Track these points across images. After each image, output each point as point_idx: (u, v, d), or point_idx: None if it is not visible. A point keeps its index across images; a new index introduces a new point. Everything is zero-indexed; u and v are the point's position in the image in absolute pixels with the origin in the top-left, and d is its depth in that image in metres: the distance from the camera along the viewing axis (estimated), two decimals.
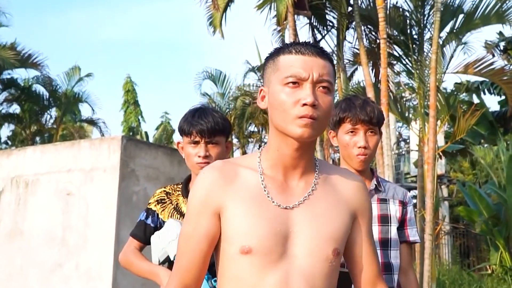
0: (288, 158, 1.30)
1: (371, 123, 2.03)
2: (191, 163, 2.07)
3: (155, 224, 2.14)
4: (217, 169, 1.32)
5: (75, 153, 6.95)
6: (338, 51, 9.15)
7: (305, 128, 1.22)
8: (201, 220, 1.30)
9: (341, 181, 1.38)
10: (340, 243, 1.30)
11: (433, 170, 6.71)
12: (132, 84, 26.99)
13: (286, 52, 1.29)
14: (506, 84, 8.79)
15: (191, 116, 2.07)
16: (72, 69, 15.79)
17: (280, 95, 1.25)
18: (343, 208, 1.34)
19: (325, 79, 1.26)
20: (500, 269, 10.55)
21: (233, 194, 1.28)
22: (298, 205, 1.29)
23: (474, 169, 20.00)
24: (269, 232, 1.24)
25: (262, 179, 1.30)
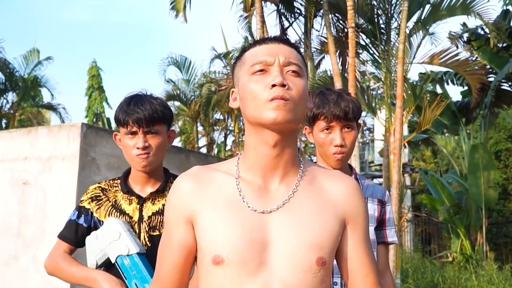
0: (266, 158, 1.21)
1: (347, 119, 1.91)
2: (130, 156, 1.89)
3: (89, 224, 1.95)
4: (191, 175, 1.25)
5: (32, 140, 6.71)
6: (305, 39, 9.06)
7: (278, 111, 1.14)
8: (175, 229, 1.23)
9: (329, 183, 1.26)
10: (327, 251, 1.18)
11: (399, 161, 6.73)
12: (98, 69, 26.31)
13: (251, 47, 1.25)
14: (470, 75, 8.91)
15: (127, 104, 1.89)
16: (30, 52, 15.21)
17: (249, 85, 1.19)
18: (330, 212, 1.22)
19: (293, 61, 1.20)
20: (461, 256, 10.79)
21: (207, 201, 1.21)
22: (277, 210, 1.19)
23: (435, 158, 20.44)
24: (242, 240, 1.14)
25: (237, 183, 1.22)
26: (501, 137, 17.82)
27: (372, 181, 2.15)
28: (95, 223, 1.93)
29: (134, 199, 1.92)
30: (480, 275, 7.75)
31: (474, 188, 11.13)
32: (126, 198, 1.93)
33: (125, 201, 1.93)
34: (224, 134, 17.81)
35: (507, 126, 17.36)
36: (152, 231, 1.88)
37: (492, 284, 7.29)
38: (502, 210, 16.22)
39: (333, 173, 1.30)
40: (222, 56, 16.06)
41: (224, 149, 18.30)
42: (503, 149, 17.79)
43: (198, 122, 16.33)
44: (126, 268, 1.77)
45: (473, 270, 8.21)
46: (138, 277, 1.74)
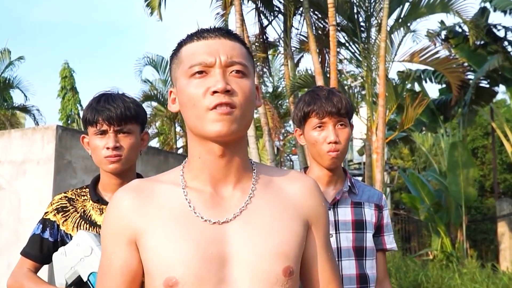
0: (213, 167, 1.08)
1: (340, 115, 1.80)
2: (99, 158, 1.72)
3: (55, 238, 1.76)
4: (132, 189, 1.09)
5: (5, 144, 6.50)
6: (285, 38, 8.96)
7: (223, 122, 1.01)
8: (116, 253, 1.07)
9: (286, 183, 1.14)
10: (293, 259, 1.06)
11: (382, 160, 6.68)
12: (70, 70, 25.82)
13: (188, 41, 1.10)
14: (450, 73, 8.94)
15: (96, 102, 1.73)
16: (1, 52, 14.78)
17: (187, 89, 1.05)
18: (293, 216, 1.10)
19: (236, 61, 1.05)
20: (441, 254, 10.83)
21: (152, 217, 1.06)
22: (234, 218, 1.06)
23: (413, 156, 20.60)
24: (198, 257, 1.01)
25: (186, 193, 1.08)
26: (477, 134, 18.06)
27: (368, 185, 2.05)
28: (62, 237, 1.75)
29: (105, 208, 1.74)
30: (463, 273, 7.75)
31: (453, 186, 11.19)
32: (97, 208, 1.76)
33: (95, 211, 1.76)
34: None
35: (483, 123, 17.60)
36: None
37: (475, 282, 7.30)
38: (480, 207, 16.44)
39: (289, 173, 1.18)
40: None
41: None
42: (480, 146, 18.04)
43: (176, 122, 16.12)
44: None
45: (455, 268, 8.22)
46: None
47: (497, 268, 8.85)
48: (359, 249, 1.81)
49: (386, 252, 1.94)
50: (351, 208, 1.84)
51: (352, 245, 1.79)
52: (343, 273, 1.77)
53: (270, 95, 14.96)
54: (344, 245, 1.79)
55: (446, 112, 12.46)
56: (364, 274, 1.80)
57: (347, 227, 1.80)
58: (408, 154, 21.03)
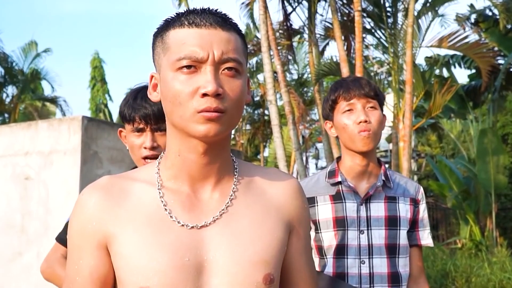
0: (194, 166, 1.00)
1: (368, 96, 1.72)
2: (136, 157, 1.69)
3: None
4: (101, 188, 1.01)
5: (32, 134, 6.61)
6: (309, 24, 8.84)
7: (210, 125, 0.94)
8: (84, 258, 0.99)
9: (269, 184, 1.07)
10: (274, 266, 1.00)
11: (409, 148, 6.56)
12: (100, 61, 26.10)
13: (177, 24, 0.97)
14: (480, 58, 8.70)
15: (133, 98, 1.68)
16: (28, 45, 15.00)
17: (173, 84, 0.95)
18: (275, 220, 1.04)
19: (230, 57, 0.95)
20: (470, 243, 10.65)
21: (123, 220, 0.98)
22: (214, 222, 0.99)
23: (441, 143, 20.26)
24: (173, 265, 0.94)
25: (161, 195, 1.00)
26: (508, 120, 17.62)
27: (405, 177, 1.92)
28: None
29: None
30: (492, 262, 7.60)
31: (483, 173, 10.95)
32: None
33: None
34: None
35: None
36: None
37: (505, 271, 7.15)
38: (510, 194, 16.08)
39: (271, 172, 1.11)
40: None
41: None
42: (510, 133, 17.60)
43: None
44: None
45: (484, 257, 8.07)
46: None
47: None
48: (392, 247, 1.72)
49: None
50: (385, 203, 1.75)
51: (384, 243, 1.71)
52: (374, 271, 1.69)
53: (295, 82, 14.85)
54: (376, 243, 1.71)
55: (475, 98, 12.17)
56: (396, 273, 1.72)
57: (379, 224, 1.72)
58: (436, 141, 20.68)
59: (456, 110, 12.71)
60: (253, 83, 15.40)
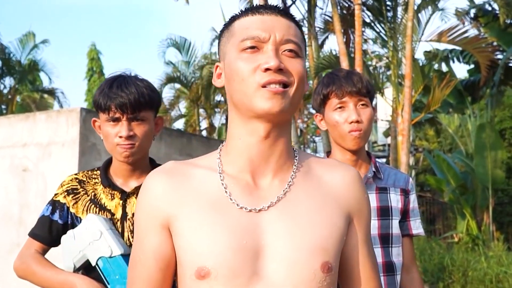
0: (255, 150, 1.01)
1: (361, 94, 1.73)
2: (111, 145, 1.66)
3: (65, 221, 1.72)
4: (166, 172, 1.05)
5: (30, 126, 6.58)
6: (309, 18, 8.81)
7: (274, 100, 0.96)
8: (148, 237, 1.03)
9: (329, 173, 1.08)
10: (333, 255, 0.99)
11: (407, 142, 6.56)
12: (97, 52, 26.01)
13: (242, 16, 1.04)
14: (479, 52, 8.70)
15: (109, 86, 1.65)
16: (26, 36, 14.91)
17: (236, 63, 0.99)
18: (333, 208, 1.04)
19: (291, 39, 1.00)
20: (467, 237, 10.68)
21: (186, 202, 1.01)
22: (272, 206, 1.00)
23: (439, 138, 20.28)
24: (232, 247, 0.95)
25: (222, 178, 1.02)
26: (505, 115, 17.63)
27: (395, 168, 1.96)
28: (72, 220, 1.71)
29: (116, 193, 1.71)
30: (489, 256, 7.63)
31: (480, 168, 10.98)
32: (108, 193, 1.72)
33: (106, 196, 1.72)
34: (226, 116, 17.60)
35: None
36: None
37: (502, 265, 7.17)
38: (507, 189, 16.12)
39: (331, 162, 1.11)
40: None
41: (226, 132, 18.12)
42: (508, 128, 17.62)
43: (199, 105, 16.13)
44: (108, 271, 1.57)
45: (481, 251, 8.10)
46: (123, 281, 1.54)
47: None
48: (385, 236, 1.75)
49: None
50: (376, 194, 1.78)
51: (377, 233, 1.74)
52: None
53: None
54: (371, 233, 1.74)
55: (474, 93, 12.17)
56: (391, 262, 1.75)
57: (372, 214, 1.74)
58: (434, 135, 20.70)
59: (455, 105, 12.72)
60: None
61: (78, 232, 1.62)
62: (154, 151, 8.37)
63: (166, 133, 7.99)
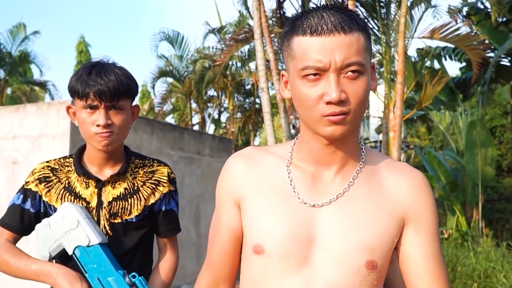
0: (319, 153, 1.11)
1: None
2: (88, 133, 1.63)
3: (37, 209, 1.68)
4: (244, 156, 1.19)
5: (20, 118, 6.53)
6: None
7: (335, 127, 1.03)
8: (224, 210, 1.20)
9: (392, 177, 1.13)
10: (379, 255, 1.07)
11: (399, 138, 6.59)
12: (86, 45, 25.84)
13: (300, 32, 1.03)
14: (471, 50, 8.73)
15: (87, 73, 1.61)
16: (17, 27, 14.78)
17: (300, 90, 1.05)
18: (387, 211, 1.10)
19: (352, 61, 1.01)
20: (456, 233, 10.77)
21: (255, 186, 1.15)
22: (329, 203, 1.09)
23: (430, 135, 20.37)
24: (287, 233, 1.08)
25: (289, 171, 1.14)
26: (496, 113, 17.75)
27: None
28: (46, 208, 1.68)
29: (91, 182, 1.69)
30: (478, 252, 7.69)
31: (471, 165, 11.05)
32: (82, 181, 1.69)
33: (80, 184, 1.69)
34: (218, 111, 17.57)
35: (502, 102, 17.27)
36: (113, 218, 1.68)
37: (490, 261, 7.24)
38: (496, 186, 16.25)
39: (399, 166, 1.16)
40: (216, 31, 15.75)
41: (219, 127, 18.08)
42: (498, 125, 17.74)
43: (192, 99, 16.09)
44: (86, 260, 1.57)
45: (470, 247, 8.17)
46: (101, 271, 1.55)
47: None
48: None
49: None
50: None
51: None
52: None
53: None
54: None
55: (465, 90, 12.23)
56: None
57: None
58: (425, 132, 20.80)
59: (446, 102, 12.78)
60: (244, 72, 15.35)
61: (53, 221, 1.60)
62: (146, 144, 8.35)
63: (158, 127, 7.97)
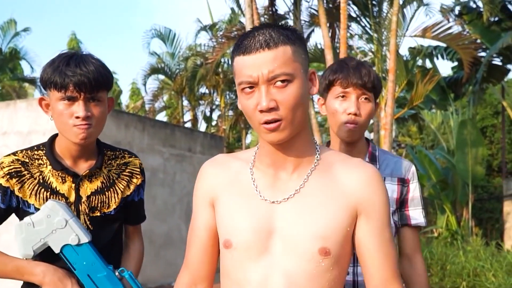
0: (273, 154, 1.24)
1: (365, 88, 1.71)
2: (65, 126, 1.58)
3: (7, 205, 1.61)
4: (215, 162, 1.34)
5: (10, 114, 6.48)
6: (295, 10, 8.80)
7: (273, 134, 1.16)
8: (200, 211, 1.32)
9: (345, 172, 1.23)
10: (332, 242, 1.18)
11: (390, 136, 6.60)
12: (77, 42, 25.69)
13: (237, 52, 1.20)
14: (462, 49, 8.76)
15: (65, 64, 1.56)
16: (7, 23, 14.65)
17: (242, 102, 1.20)
18: (340, 203, 1.20)
19: (278, 73, 1.14)
20: (446, 232, 10.82)
21: (225, 187, 1.29)
22: (287, 200, 1.22)
23: (421, 134, 20.48)
24: (249, 227, 1.21)
25: (252, 173, 1.28)
26: (487, 113, 17.88)
27: (397, 156, 1.89)
28: (18, 204, 1.63)
29: (68, 177, 1.64)
30: (467, 251, 7.74)
31: (461, 164, 11.12)
32: (58, 176, 1.64)
33: (56, 179, 1.64)
34: (210, 108, 17.54)
35: (494, 102, 17.40)
36: (92, 212, 1.66)
37: (479, 260, 7.28)
38: (486, 186, 16.37)
39: (352, 162, 1.26)
40: (208, 29, 15.71)
41: (210, 124, 18.05)
42: (489, 125, 17.88)
43: (183, 96, 16.04)
44: (75, 258, 1.56)
45: (460, 246, 8.21)
46: (91, 268, 1.56)
47: (501, 247, 8.82)
48: None
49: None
50: None
51: None
52: None
53: None
54: None
55: (456, 90, 12.30)
56: None
57: None
58: (416, 132, 20.90)
59: (437, 101, 12.84)
60: None
61: (38, 220, 1.56)
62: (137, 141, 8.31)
63: (149, 124, 7.94)
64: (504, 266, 6.58)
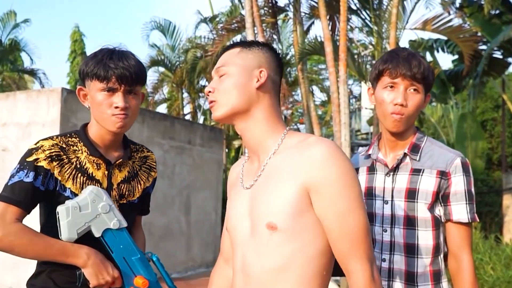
0: (246, 143, 1.43)
1: (414, 79, 1.71)
2: (104, 115, 1.67)
3: (46, 187, 1.63)
4: (238, 160, 1.56)
5: (10, 106, 6.48)
6: (294, 3, 8.76)
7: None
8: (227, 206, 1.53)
9: (297, 151, 1.31)
10: (280, 217, 1.27)
11: None
12: (80, 34, 25.61)
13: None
14: (463, 42, 8.73)
15: (108, 57, 1.68)
16: (7, 14, 14.60)
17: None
18: (290, 181, 1.28)
19: (218, 65, 1.43)
20: None
21: (234, 181, 1.51)
22: (253, 185, 1.38)
23: (422, 127, 20.45)
24: (234, 213, 1.43)
25: (243, 166, 1.48)
26: (487, 106, 17.85)
27: (447, 148, 1.83)
28: (60, 189, 1.66)
29: (102, 164, 1.73)
30: None
31: None
32: (93, 162, 1.72)
33: (92, 165, 1.71)
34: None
35: (494, 96, 17.37)
36: (120, 199, 1.78)
37: (478, 253, 7.30)
38: (486, 179, 16.37)
39: (307, 141, 1.31)
40: (208, 21, 15.65)
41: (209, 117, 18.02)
42: (489, 119, 17.85)
43: (183, 88, 16.01)
44: (113, 242, 1.67)
45: None
46: (127, 251, 1.68)
47: (500, 240, 8.84)
48: (411, 218, 1.73)
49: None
50: (409, 175, 1.75)
51: (403, 214, 1.74)
52: (394, 240, 1.76)
53: None
54: (397, 213, 1.75)
55: (457, 83, 12.26)
56: (412, 244, 1.74)
57: (400, 195, 1.75)
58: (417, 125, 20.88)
59: (438, 94, 12.81)
60: None
61: (84, 204, 1.62)
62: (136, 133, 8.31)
63: (149, 116, 7.93)
64: (503, 259, 6.60)
